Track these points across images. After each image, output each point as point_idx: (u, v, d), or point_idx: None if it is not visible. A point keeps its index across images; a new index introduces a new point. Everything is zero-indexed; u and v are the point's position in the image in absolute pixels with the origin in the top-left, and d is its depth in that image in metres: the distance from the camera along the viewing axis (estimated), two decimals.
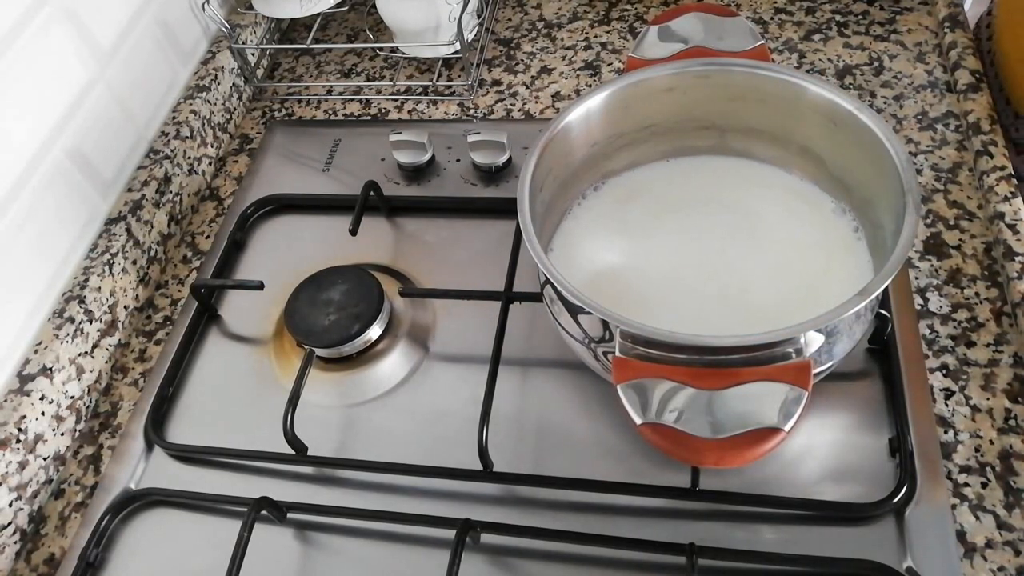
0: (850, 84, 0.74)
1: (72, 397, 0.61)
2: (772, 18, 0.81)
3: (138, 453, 0.60)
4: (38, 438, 0.58)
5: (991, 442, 0.52)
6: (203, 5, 0.80)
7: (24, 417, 0.57)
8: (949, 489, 0.51)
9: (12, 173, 0.59)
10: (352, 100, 0.84)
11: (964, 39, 0.72)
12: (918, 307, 0.59)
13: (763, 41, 0.58)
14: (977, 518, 0.50)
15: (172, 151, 0.74)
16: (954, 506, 0.50)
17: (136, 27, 0.72)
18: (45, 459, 0.59)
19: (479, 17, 0.84)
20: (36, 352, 0.60)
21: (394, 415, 0.59)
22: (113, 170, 0.70)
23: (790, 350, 0.43)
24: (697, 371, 0.43)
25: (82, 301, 0.63)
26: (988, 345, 0.56)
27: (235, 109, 0.83)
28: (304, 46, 0.88)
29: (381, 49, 0.86)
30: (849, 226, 0.56)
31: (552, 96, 0.79)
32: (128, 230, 0.68)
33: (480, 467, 0.54)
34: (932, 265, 0.61)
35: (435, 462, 0.55)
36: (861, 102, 0.53)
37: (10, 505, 0.56)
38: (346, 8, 0.88)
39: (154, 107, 0.75)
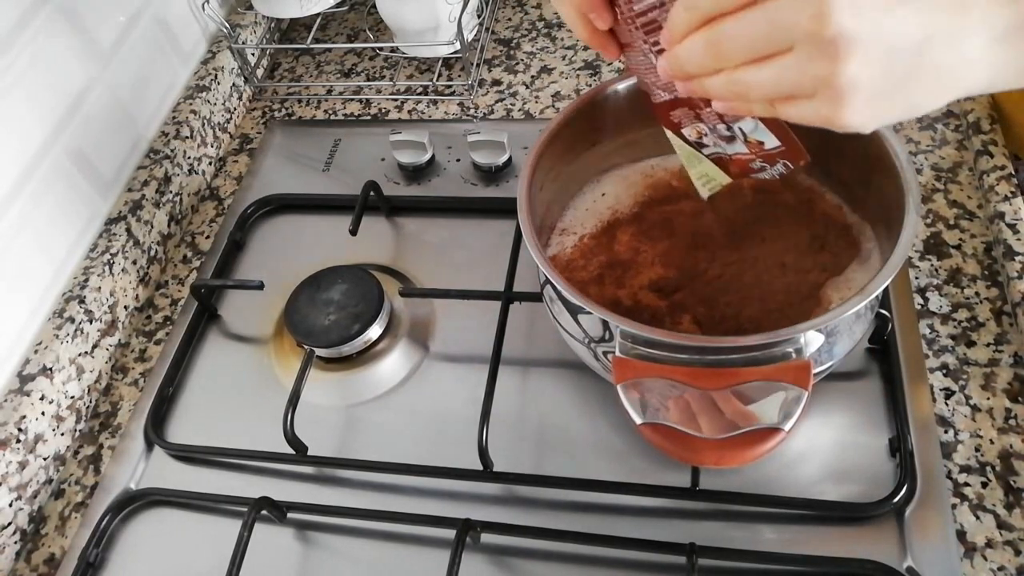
0: None
1: (72, 397, 0.61)
2: None
3: (138, 453, 0.60)
4: (38, 438, 0.58)
5: (991, 442, 0.52)
6: (203, 5, 0.80)
7: (24, 417, 0.57)
8: (949, 489, 0.51)
9: (12, 173, 0.59)
10: (352, 100, 0.84)
11: None
12: (918, 307, 0.59)
13: None
14: (977, 518, 0.50)
15: (172, 151, 0.74)
16: (954, 506, 0.50)
17: (136, 27, 0.72)
18: (45, 459, 0.59)
19: (479, 17, 0.84)
20: (36, 352, 0.60)
21: (394, 415, 0.59)
22: (113, 170, 0.70)
23: (790, 350, 0.43)
24: (697, 371, 0.43)
25: (82, 301, 0.63)
26: (988, 345, 0.56)
27: (235, 109, 0.83)
28: (304, 46, 0.88)
29: (381, 49, 0.86)
30: (849, 225, 0.56)
31: (552, 96, 0.79)
32: (128, 230, 0.68)
33: (480, 467, 0.54)
34: (932, 265, 0.61)
35: (435, 462, 0.55)
36: None
37: (10, 505, 0.56)
38: (346, 8, 0.88)
39: (154, 107, 0.75)
